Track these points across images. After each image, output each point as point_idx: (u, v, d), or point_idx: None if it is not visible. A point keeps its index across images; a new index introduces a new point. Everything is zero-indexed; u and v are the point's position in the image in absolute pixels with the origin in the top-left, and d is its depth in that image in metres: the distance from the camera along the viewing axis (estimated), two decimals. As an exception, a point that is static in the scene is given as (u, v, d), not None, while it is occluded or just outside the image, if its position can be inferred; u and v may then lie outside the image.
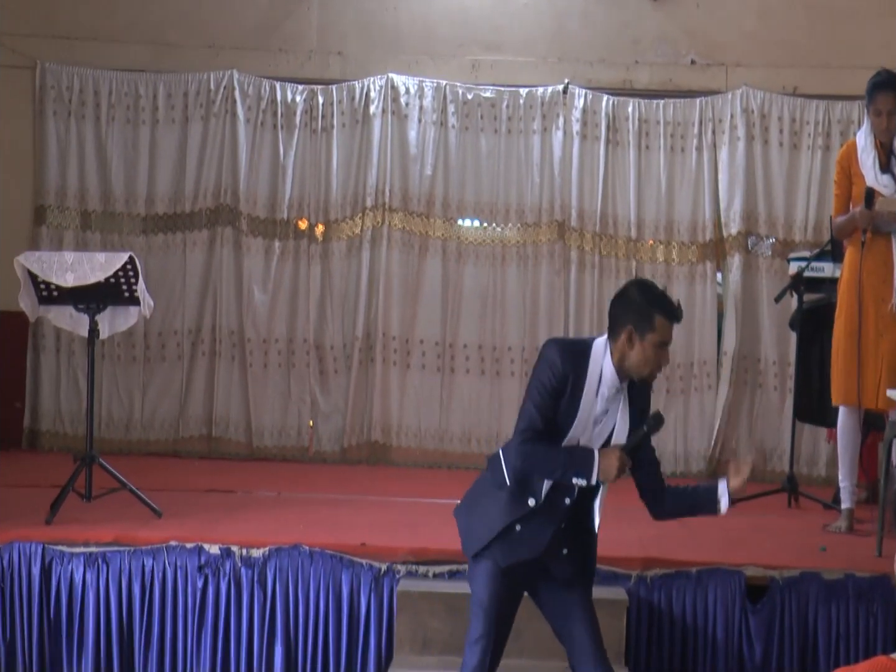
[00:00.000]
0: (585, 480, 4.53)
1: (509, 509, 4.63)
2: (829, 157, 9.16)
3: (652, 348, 4.58)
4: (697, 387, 9.42)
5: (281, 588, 6.04)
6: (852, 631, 5.91)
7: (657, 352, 4.60)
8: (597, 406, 4.60)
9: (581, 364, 4.59)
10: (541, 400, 4.57)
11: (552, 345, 4.65)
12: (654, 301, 4.61)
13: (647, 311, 4.57)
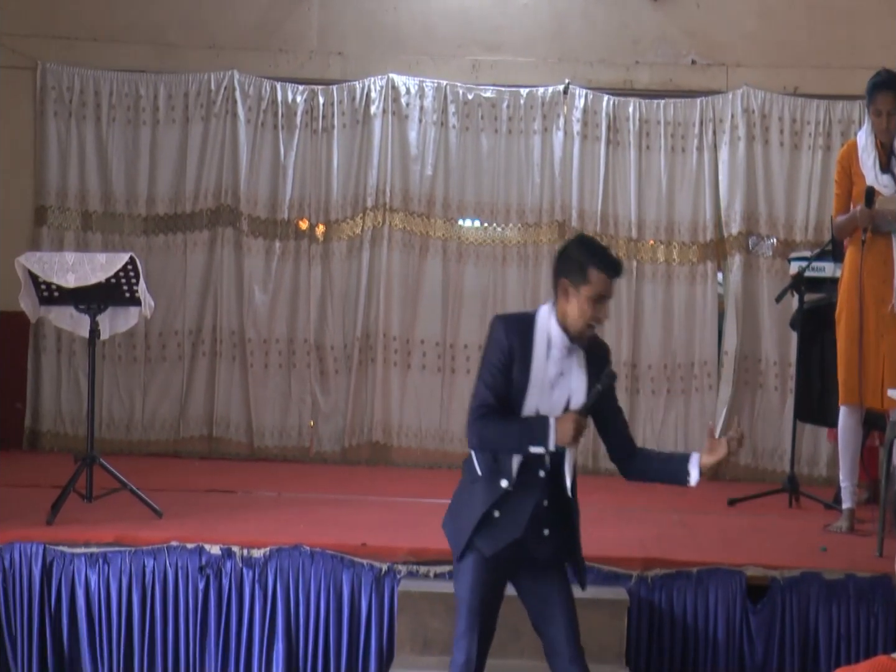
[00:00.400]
0: (543, 448, 4.51)
1: (485, 497, 4.60)
2: (829, 157, 9.15)
3: (587, 301, 4.58)
4: (698, 387, 9.42)
5: (282, 588, 6.04)
6: (853, 631, 5.91)
7: (592, 305, 4.59)
8: (550, 370, 4.59)
9: (526, 332, 4.61)
10: (490, 377, 4.60)
11: (496, 321, 4.68)
12: (589, 254, 4.62)
13: (582, 264, 4.59)
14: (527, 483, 4.58)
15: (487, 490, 4.60)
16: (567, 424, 4.49)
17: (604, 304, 4.62)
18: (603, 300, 4.62)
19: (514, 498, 4.59)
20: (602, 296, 4.61)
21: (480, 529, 4.60)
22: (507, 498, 4.59)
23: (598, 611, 5.77)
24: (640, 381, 9.45)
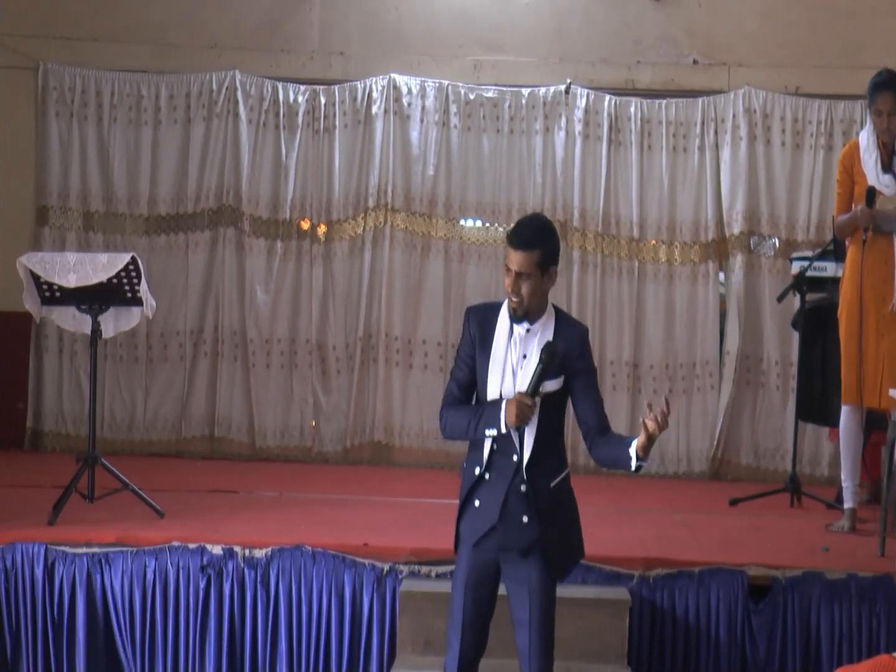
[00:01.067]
0: (496, 430, 4.55)
1: (465, 486, 4.70)
2: (831, 157, 9.16)
3: (505, 274, 4.64)
4: (700, 386, 9.42)
5: (283, 588, 6.04)
6: (855, 631, 5.91)
7: (506, 277, 4.63)
8: (514, 353, 4.63)
9: (489, 318, 4.69)
10: (457, 369, 4.74)
11: (465, 312, 4.80)
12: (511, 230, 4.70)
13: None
14: (501, 469, 4.63)
15: (467, 479, 4.70)
16: (511, 406, 4.52)
17: (510, 275, 4.60)
18: (509, 272, 4.61)
19: (491, 485, 4.64)
20: (507, 267, 4.62)
21: (464, 518, 4.70)
22: (484, 485, 4.65)
23: (600, 610, 5.78)
24: (641, 381, 9.45)
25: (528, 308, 4.62)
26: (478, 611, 4.67)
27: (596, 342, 9.44)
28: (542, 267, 4.60)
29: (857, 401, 6.79)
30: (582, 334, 4.72)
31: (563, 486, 4.71)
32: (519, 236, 4.61)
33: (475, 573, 4.67)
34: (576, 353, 4.66)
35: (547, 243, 4.63)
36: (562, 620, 5.70)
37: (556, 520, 4.66)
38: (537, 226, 4.70)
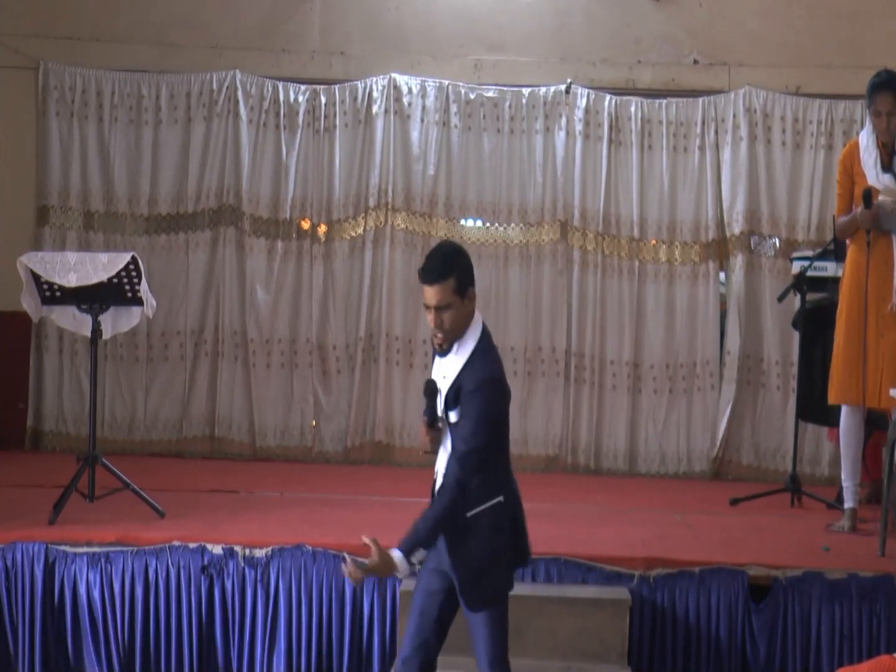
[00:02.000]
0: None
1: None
2: (831, 157, 9.15)
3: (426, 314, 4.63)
4: (700, 386, 9.42)
5: (284, 588, 6.04)
6: (855, 631, 5.91)
7: (426, 311, 4.63)
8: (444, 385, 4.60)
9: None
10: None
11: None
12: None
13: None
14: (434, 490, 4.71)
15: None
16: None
17: (429, 312, 4.58)
18: (429, 309, 4.59)
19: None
20: (426, 305, 4.60)
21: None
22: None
23: (601, 610, 5.78)
24: (642, 381, 9.45)
25: (454, 338, 4.57)
26: (423, 619, 4.62)
27: (596, 342, 9.45)
28: (460, 292, 4.56)
29: (857, 401, 6.78)
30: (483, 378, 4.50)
31: (483, 517, 4.54)
32: (429, 271, 4.55)
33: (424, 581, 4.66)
34: (467, 389, 4.52)
35: (458, 268, 4.59)
36: (562, 620, 5.76)
37: (471, 555, 4.53)
38: (444, 254, 4.67)
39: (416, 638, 4.62)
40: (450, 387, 4.54)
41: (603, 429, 9.46)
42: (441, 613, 4.64)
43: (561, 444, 9.46)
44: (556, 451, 9.46)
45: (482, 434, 4.48)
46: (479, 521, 4.53)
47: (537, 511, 7.43)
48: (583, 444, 9.46)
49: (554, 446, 9.46)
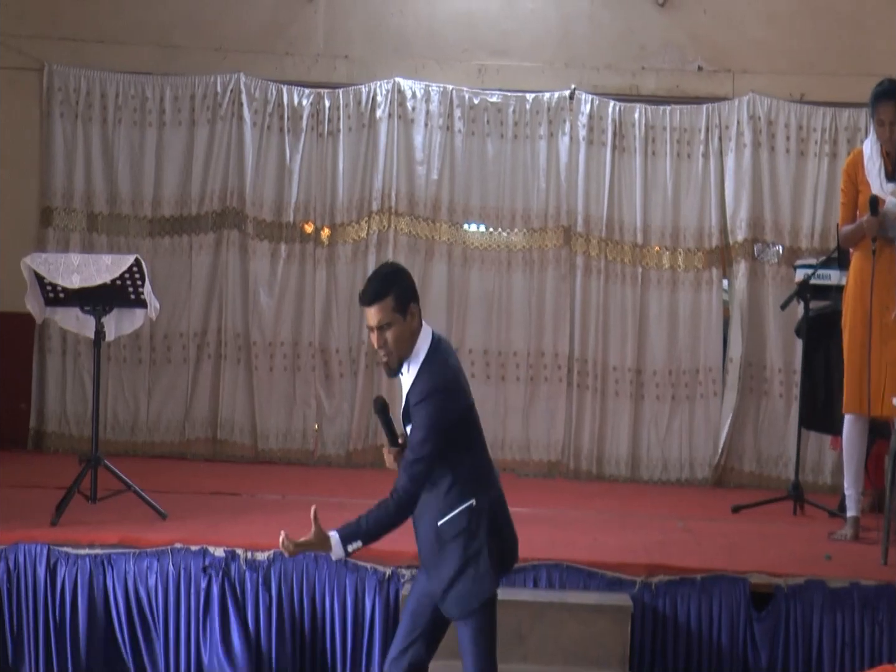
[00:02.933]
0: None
1: None
2: (835, 165, 9.17)
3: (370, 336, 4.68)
4: (703, 394, 9.42)
5: (286, 591, 6.04)
6: (857, 639, 5.90)
7: (370, 332, 4.65)
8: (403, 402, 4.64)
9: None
10: None
11: None
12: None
13: None
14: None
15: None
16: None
17: (374, 333, 4.60)
18: (372, 331, 4.62)
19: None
20: (369, 327, 4.63)
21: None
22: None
23: (602, 616, 5.78)
24: (644, 387, 9.46)
25: (401, 356, 4.59)
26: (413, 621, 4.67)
27: (599, 348, 9.45)
28: (400, 310, 4.58)
29: (861, 409, 6.78)
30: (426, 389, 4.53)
31: (454, 523, 4.54)
32: (366, 293, 4.59)
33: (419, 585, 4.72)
34: (413, 402, 4.55)
35: (395, 286, 4.61)
36: (564, 626, 5.76)
37: (445, 564, 4.54)
38: (382, 275, 4.70)
39: (406, 639, 4.64)
40: (404, 404, 4.59)
41: (605, 435, 9.46)
42: (433, 617, 4.64)
43: (563, 450, 9.46)
44: (559, 457, 9.46)
45: (429, 443, 4.49)
46: (451, 527, 4.54)
47: (539, 517, 7.48)
48: (585, 449, 9.46)
49: (556, 452, 9.46)
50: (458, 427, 4.57)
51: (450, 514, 4.54)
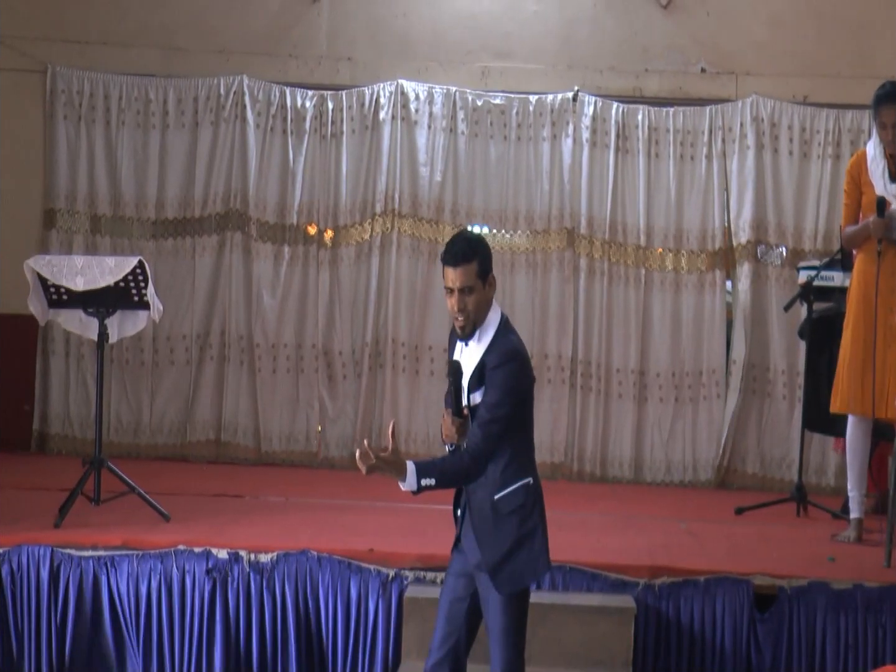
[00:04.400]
0: (446, 446, 4.66)
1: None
2: (839, 167, 9.17)
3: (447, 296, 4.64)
4: (706, 395, 9.42)
5: (289, 593, 6.03)
6: (860, 641, 5.90)
7: (448, 298, 4.63)
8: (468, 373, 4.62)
9: (453, 338, 4.76)
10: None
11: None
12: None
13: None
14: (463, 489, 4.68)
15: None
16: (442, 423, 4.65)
17: (451, 295, 4.59)
18: (450, 292, 4.60)
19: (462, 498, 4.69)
20: (447, 287, 4.61)
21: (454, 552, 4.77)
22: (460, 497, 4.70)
23: (606, 618, 5.77)
24: (648, 389, 9.45)
25: (476, 322, 4.60)
26: (450, 624, 4.69)
27: (602, 350, 9.46)
28: (482, 276, 4.58)
29: (865, 411, 6.78)
30: (505, 352, 4.59)
31: (511, 498, 4.57)
32: (453, 253, 4.58)
33: (452, 585, 4.72)
34: (490, 365, 4.56)
35: (481, 253, 4.60)
36: (567, 628, 5.75)
37: (501, 536, 4.56)
38: (467, 238, 4.70)
39: (446, 643, 4.67)
40: (473, 371, 4.58)
41: (609, 437, 9.46)
42: (469, 618, 4.69)
43: (566, 452, 9.46)
44: (562, 459, 9.46)
45: (507, 404, 4.51)
46: (508, 502, 4.56)
47: (543, 518, 7.48)
48: (588, 451, 9.46)
49: (559, 454, 9.46)
50: (526, 400, 4.63)
51: (508, 489, 4.55)
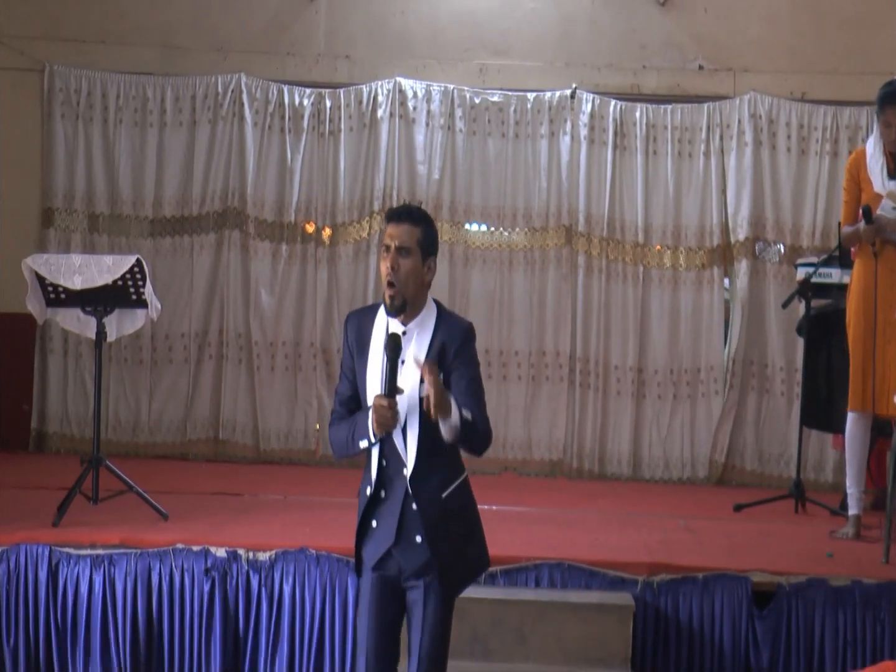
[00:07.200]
0: (367, 440, 4.27)
1: (360, 508, 4.40)
2: (836, 163, 9.18)
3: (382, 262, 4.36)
4: (704, 392, 9.42)
5: (287, 591, 6.03)
6: (859, 638, 5.89)
7: (382, 261, 4.36)
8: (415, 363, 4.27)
9: (366, 323, 4.41)
10: (339, 384, 4.49)
11: (344, 321, 4.51)
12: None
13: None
14: (395, 486, 4.33)
15: (361, 499, 4.40)
16: (373, 412, 4.20)
17: (388, 254, 4.31)
18: (387, 252, 4.32)
19: (387, 503, 4.34)
20: (385, 246, 4.34)
21: (364, 541, 4.41)
22: (381, 505, 4.35)
23: (604, 615, 5.77)
24: (646, 386, 9.46)
25: (406, 295, 4.29)
26: (384, 639, 4.35)
27: (601, 347, 9.46)
28: (423, 249, 4.32)
29: (865, 407, 6.78)
30: (463, 329, 4.35)
31: (457, 494, 4.36)
32: (400, 210, 4.38)
33: (379, 601, 4.35)
34: (453, 348, 4.30)
35: (429, 226, 4.37)
36: (566, 625, 5.75)
37: (451, 534, 4.32)
38: (418, 208, 4.50)
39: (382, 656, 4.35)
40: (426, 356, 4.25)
41: (607, 434, 9.47)
42: (396, 622, 4.41)
43: (565, 449, 9.46)
44: (560, 456, 9.47)
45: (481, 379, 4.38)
46: (454, 499, 4.34)
47: (541, 516, 7.49)
48: (587, 448, 9.46)
49: (558, 451, 9.46)
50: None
51: (453, 485, 4.36)
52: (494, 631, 5.69)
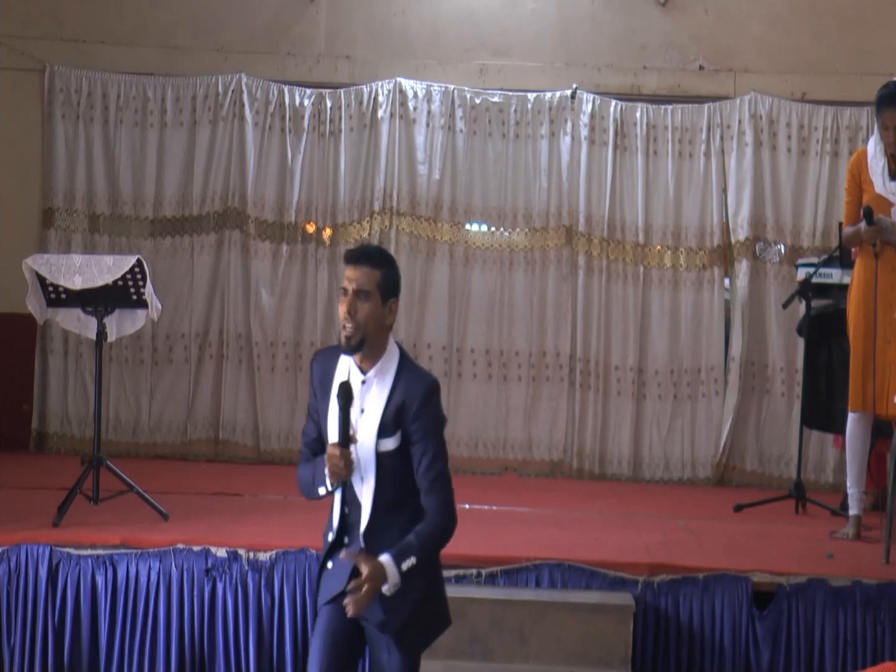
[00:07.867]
0: (325, 487, 4.23)
1: (324, 549, 4.35)
2: (837, 164, 9.17)
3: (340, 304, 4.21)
4: (705, 393, 9.42)
5: (288, 592, 6.03)
6: (859, 638, 5.89)
7: (340, 301, 4.21)
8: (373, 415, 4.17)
9: (331, 364, 4.27)
10: (306, 421, 4.39)
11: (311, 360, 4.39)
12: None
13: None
14: (354, 535, 4.26)
15: (324, 542, 4.36)
16: (327, 459, 4.14)
17: (348, 297, 4.15)
18: (345, 295, 4.17)
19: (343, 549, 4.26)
20: (343, 289, 4.19)
21: (321, 579, 4.34)
22: (336, 549, 4.28)
23: (604, 616, 5.77)
24: (646, 387, 9.46)
25: (364, 335, 4.13)
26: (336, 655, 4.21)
27: (601, 347, 9.46)
28: (383, 292, 4.17)
29: (865, 407, 6.78)
30: (426, 386, 4.17)
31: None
32: (358, 252, 4.20)
33: (333, 634, 4.21)
34: (414, 406, 4.13)
35: (390, 268, 4.22)
36: (566, 625, 5.76)
37: (406, 598, 4.12)
38: (381, 249, 4.38)
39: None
40: (384, 413, 4.15)
41: (607, 434, 9.46)
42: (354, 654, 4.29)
43: (565, 450, 9.46)
44: (561, 457, 9.46)
45: (444, 442, 4.20)
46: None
47: (541, 516, 7.49)
48: (587, 449, 9.46)
49: (558, 451, 9.46)
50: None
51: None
52: (494, 631, 5.70)
